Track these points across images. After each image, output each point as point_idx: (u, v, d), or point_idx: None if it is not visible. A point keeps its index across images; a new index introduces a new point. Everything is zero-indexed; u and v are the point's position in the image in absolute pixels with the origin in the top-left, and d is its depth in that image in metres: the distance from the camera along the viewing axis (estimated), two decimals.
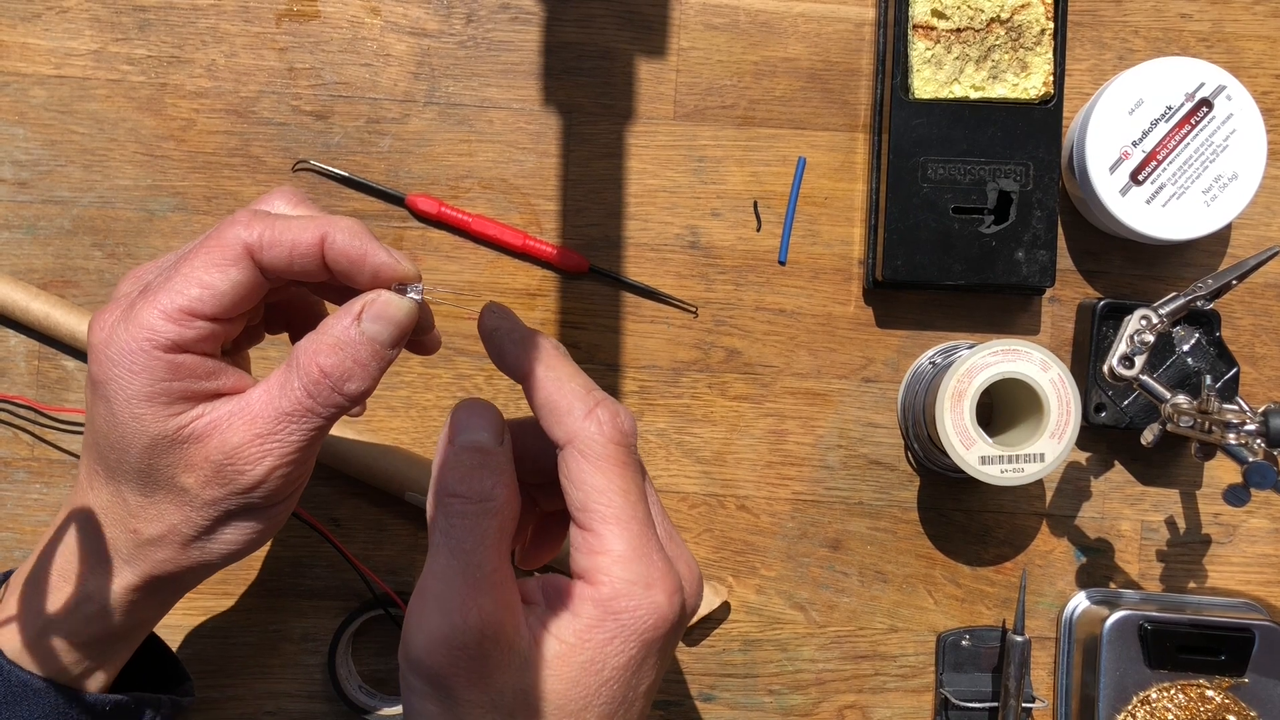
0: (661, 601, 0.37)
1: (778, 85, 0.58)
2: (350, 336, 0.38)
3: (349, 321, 0.38)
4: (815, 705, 0.58)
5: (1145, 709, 0.54)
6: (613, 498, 0.37)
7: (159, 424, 0.38)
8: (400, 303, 0.39)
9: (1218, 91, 0.54)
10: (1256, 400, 0.58)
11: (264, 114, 0.57)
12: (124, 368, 0.38)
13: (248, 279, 0.38)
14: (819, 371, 0.58)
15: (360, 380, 0.38)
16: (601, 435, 0.37)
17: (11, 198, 0.57)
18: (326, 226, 0.39)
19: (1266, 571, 0.58)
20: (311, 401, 0.38)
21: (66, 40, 0.57)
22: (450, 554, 0.37)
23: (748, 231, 0.58)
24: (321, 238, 0.38)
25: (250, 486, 0.39)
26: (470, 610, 0.36)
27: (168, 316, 0.38)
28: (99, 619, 0.42)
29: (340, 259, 0.39)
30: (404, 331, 0.39)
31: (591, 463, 0.37)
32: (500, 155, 0.58)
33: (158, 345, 0.38)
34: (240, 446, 0.38)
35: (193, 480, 0.39)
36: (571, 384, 0.38)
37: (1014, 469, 0.51)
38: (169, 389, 0.38)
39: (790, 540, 0.58)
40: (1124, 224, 0.54)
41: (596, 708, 0.37)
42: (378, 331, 0.39)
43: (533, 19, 0.58)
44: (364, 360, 0.38)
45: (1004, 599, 0.58)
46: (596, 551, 0.37)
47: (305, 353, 0.38)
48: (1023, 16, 0.55)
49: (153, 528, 0.40)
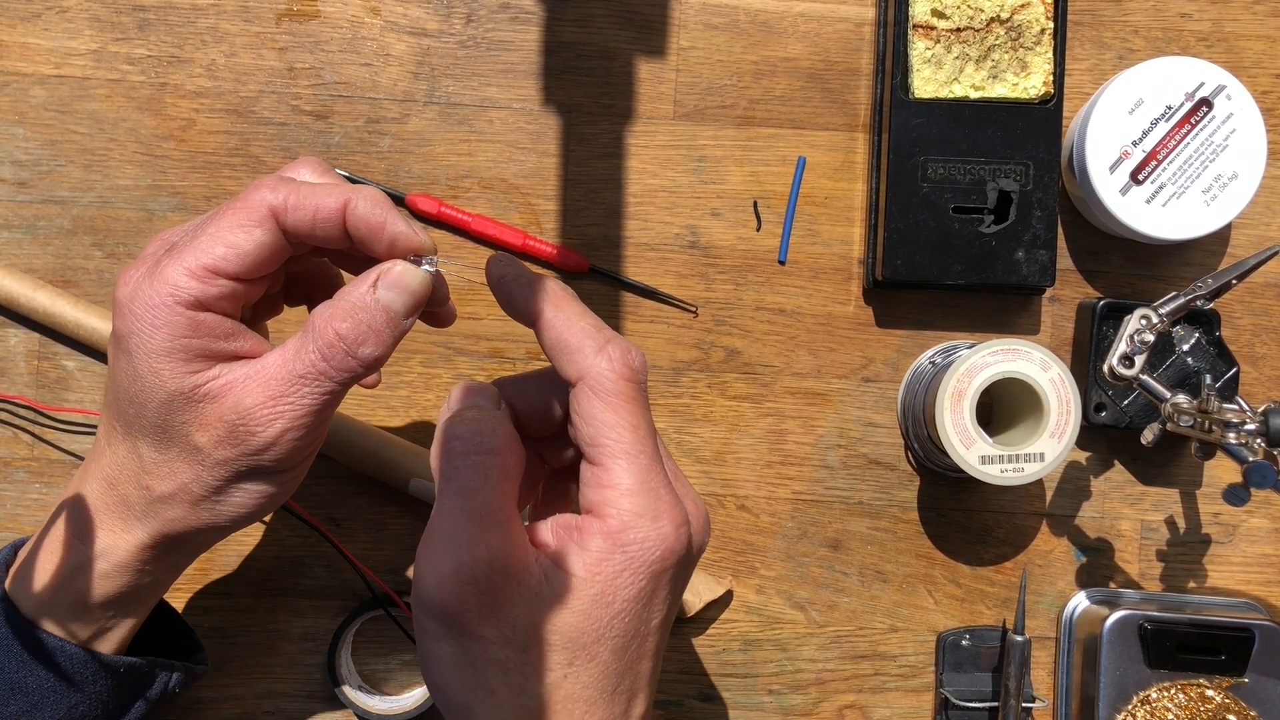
0: (669, 533, 0.37)
1: (777, 85, 0.58)
2: (366, 303, 0.39)
3: (365, 289, 0.39)
4: (815, 705, 0.58)
5: (1145, 709, 0.54)
6: (622, 433, 0.38)
7: (177, 380, 0.39)
8: (415, 272, 0.40)
9: (1218, 91, 0.54)
10: (1256, 400, 0.58)
11: (264, 114, 0.57)
12: (146, 322, 0.39)
13: (271, 240, 0.40)
14: (819, 371, 0.58)
15: (374, 345, 0.39)
16: (613, 371, 0.38)
17: (11, 197, 0.57)
18: (350, 194, 0.40)
19: (1266, 571, 0.58)
20: (325, 365, 0.39)
21: (66, 40, 0.57)
22: (455, 495, 0.37)
23: (748, 231, 0.58)
24: (344, 204, 0.40)
25: (262, 448, 0.39)
26: (479, 546, 0.36)
27: (191, 274, 0.39)
28: (111, 577, 0.42)
29: (360, 226, 0.40)
30: (418, 301, 0.40)
31: (602, 398, 0.38)
32: (500, 155, 0.58)
33: (180, 301, 0.38)
34: (253, 408, 0.39)
35: (206, 439, 0.39)
36: (581, 323, 0.39)
37: (1014, 469, 0.51)
38: (189, 345, 0.39)
39: (790, 540, 0.58)
40: (1124, 224, 0.54)
41: (609, 640, 0.37)
42: (392, 299, 0.39)
43: (533, 19, 0.58)
44: (379, 327, 0.39)
45: (1004, 599, 0.58)
46: (605, 485, 0.38)
47: (321, 317, 0.39)
48: (1023, 16, 0.55)
49: (165, 484, 0.41)
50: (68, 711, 0.43)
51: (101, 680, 0.44)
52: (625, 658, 0.38)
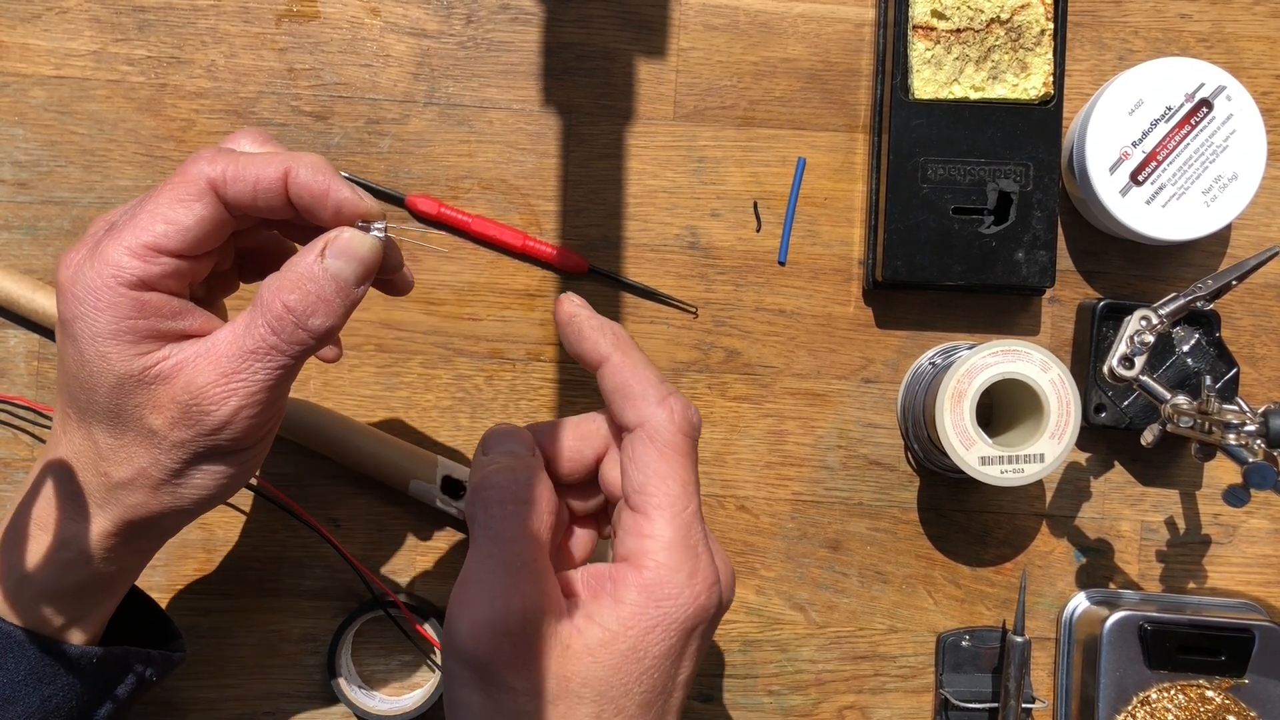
0: (702, 591, 0.38)
1: (777, 86, 0.58)
2: (314, 272, 0.38)
3: (312, 258, 0.39)
4: (815, 706, 0.58)
5: (1145, 709, 0.54)
6: (671, 485, 0.38)
7: (125, 363, 0.38)
8: (363, 239, 0.39)
9: (1217, 92, 0.54)
10: (1256, 401, 0.58)
11: (264, 114, 0.57)
12: (89, 305, 0.38)
13: (212, 214, 0.39)
14: (819, 372, 0.58)
15: (324, 316, 0.38)
16: (672, 423, 0.39)
17: (11, 198, 0.57)
18: (290, 161, 0.39)
19: (1266, 572, 0.58)
20: (276, 339, 0.38)
21: (66, 41, 0.57)
22: (490, 543, 0.37)
23: (747, 232, 0.58)
24: (285, 172, 0.39)
25: (217, 427, 0.39)
26: (513, 597, 0.36)
27: (133, 253, 0.38)
28: (77, 566, 0.41)
29: (303, 194, 0.39)
30: (368, 268, 0.39)
31: (658, 447, 0.38)
32: (500, 156, 0.58)
33: (123, 282, 0.38)
34: (205, 386, 0.38)
35: (160, 421, 0.39)
36: (646, 371, 0.39)
37: (1014, 469, 0.51)
38: (134, 327, 0.38)
39: (790, 541, 0.58)
40: (1124, 224, 0.54)
41: (637, 695, 0.37)
42: (340, 268, 0.39)
43: (532, 19, 0.58)
44: (328, 296, 0.38)
45: (1004, 599, 0.58)
46: (645, 535, 0.38)
47: (269, 290, 0.38)
48: (1022, 17, 0.55)
49: (123, 470, 0.40)
50: (40, 704, 0.43)
51: (75, 671, 0.43)
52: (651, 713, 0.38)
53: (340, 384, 0.57)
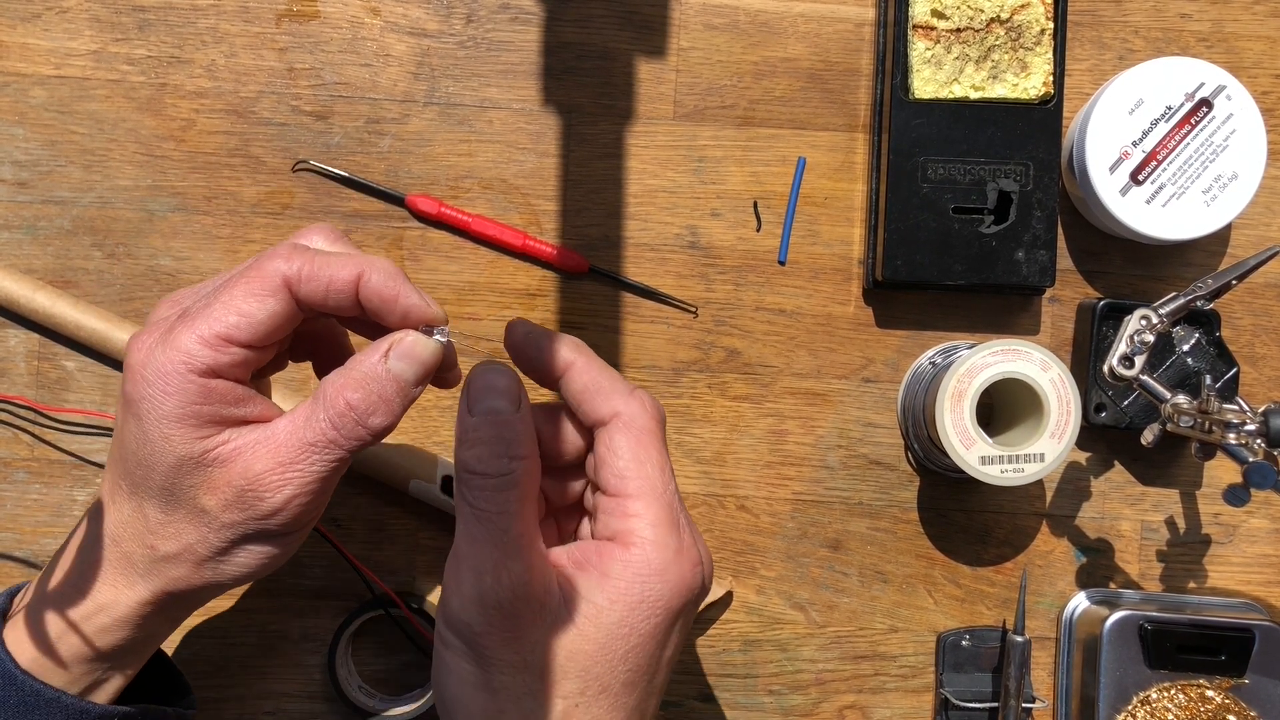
0: (687, 570, 0.39)
1: (777, 85, 0.58)
2: (378, 373, 0.40)
3: (377, 359, 0.40)
4: (815, 705, 0.58)
5: (1145, 709, 0.54)
6: (650, 469, 0.39)
7: (187, 445, 0.39)
8: (427, 343, 0.41)
9: (1217, 91, 0.54)
10: (1256, 400, 0.58)
11: (264, 114, 0.57)
12: (158, 388, 0.39)
13: (284, 310, 0.40)
14: (819, 372, 0.58)
15: (384, 415, 0.40)
16: (645, 412, 0.40)
17: (11, 198, 0.57)
18: (364, 265, 0.40)
19: (1266, 571, 0.58)
20: (335, 434, 0.39)
21: (66, 40, 0.57)
22: (478, 522, 0.38)
23: (747, 231, 0.58)
24: (358, 276, 0.40)
25: (269, 513, 0.40)
26: (501, 573, 0.37)
27: (205, 342, 0.39)
28: (111, 631, 0.42)
29: (374, 298, 0.40)
30: (428, 371, 0.41)
31: (635, 436, 0.40)
32: (500, 155, 0.58)
33: (193, 369, 0.39)
34: (263, 474, 0.39)
35: (214, 502, 0.40)
36: (610, 370, 0.41)
37: (1014, 469, 0.51)
38: (199, 412, 0.39)
39: (790, 540, 0.58)
40: (1124, 224, 0.54)
41: (623, 672, 0.38)
42: (403, 369, 0.40)
43: (532, 19, 0.58)
44: (389, 396, 0.40)
45: (1004, 599, 0.58)
46: (631, 514, 0.39)
47: (333, 386, 0.40)
48: (1022, 16, 0.55)
49: (169, 545, 0.41)
50: None
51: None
52: (635, 693, 0.39)
53: None
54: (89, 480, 0.57)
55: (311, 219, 0.57)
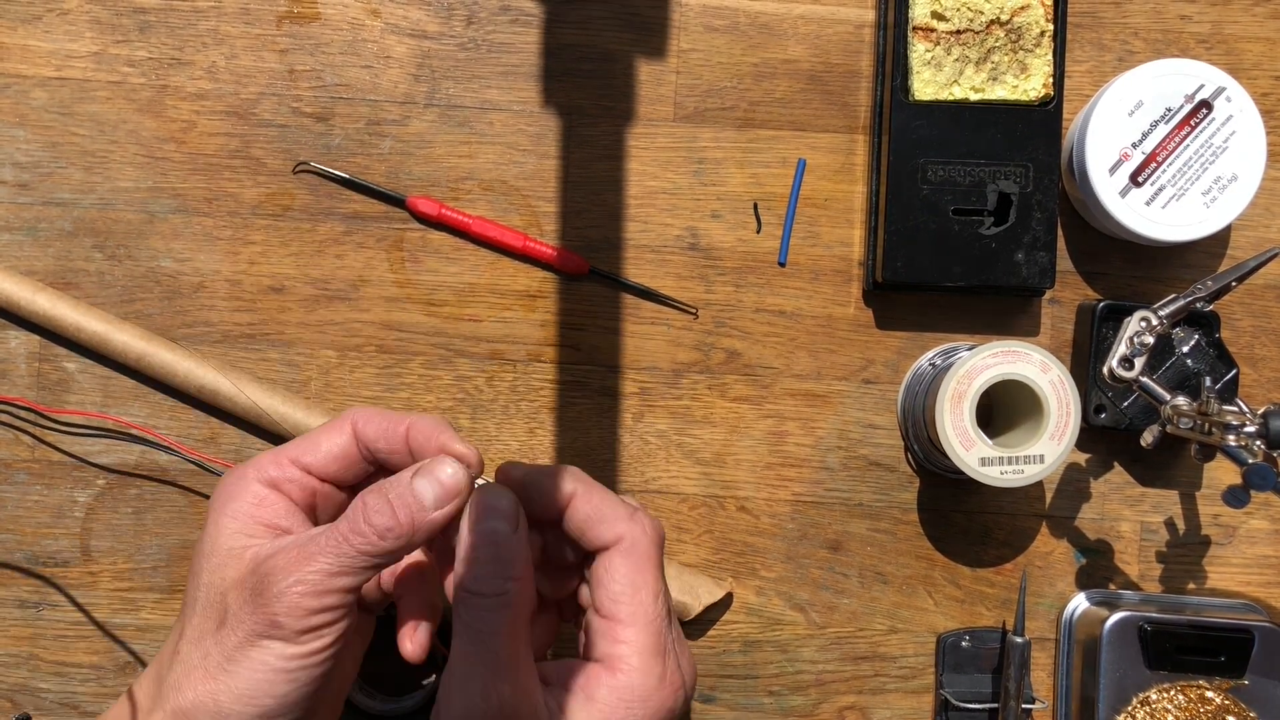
0: (669, 696, 0.41)
1: (778, 87, 0.58)
2: (399, 484, 0.42)
3: (405, 474, 0.42)
4: (815, 706, 0.58)
5: (1145, 710, 0.54)
6: (644, 595, 0.42)
7: (232, 538, 0.42)
8: (455, 469, 0.42)
9: (1217, 93, 0.54)
10: (1256, 402, 0.58)
11: (264, 116, 0.57)
12: (227, 492, 0.44)
13: (345, 442, 0.45)
14: (819, 373, 0.58)
15: (389, 518, 0.41)
16: (645, 536, 0.42)
17: (12, 199, 0.57)
18: (416, 417, 0.44)
19: (1266, 573, 0.58)
20: (348, 531, 0.41)
21: (67, 42, 0.57)
22: (470, 641, 0.40)
23: (748, 233, 0.58)
24: (409, 422, 0.44)
25: (270, 600, 0.40)
26: (491, 695, 0.40)
27: (274, 461, 0.44)
28: None
29: (419, 436, 0.44)
30: (448, 495, 0.42)
31: (633, 561, 0.42)
32: (500, 157, 0.58)
33: (259, 479, 0.44)
34: (276, 567, 0.41)
35: (236, 598, 0.41)
36: (609, 495, 0.43)
37: (1014, 470, 0.51)
38: (252, 513, 0.43)
39: (790, 541, 0.58)
40: (1124, 225, 0.54)
41: None
42: (423, 487, 0.42)
43: (533, 21, 0.58)
44: (402, 505, 0.41)
45: (1004, 600, 0.58)
46: (619, 640, 0.41)
47: (359, 495, 0.42)
48: (1022, 18, 0.55)
49: (191, 649, 0.42)
50: None
51: None
52: None
53: (341, 385, 0.57)
54: (89, 481, 0.57)
55: (312, 220, 0.57)
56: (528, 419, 0.57)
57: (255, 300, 0.57)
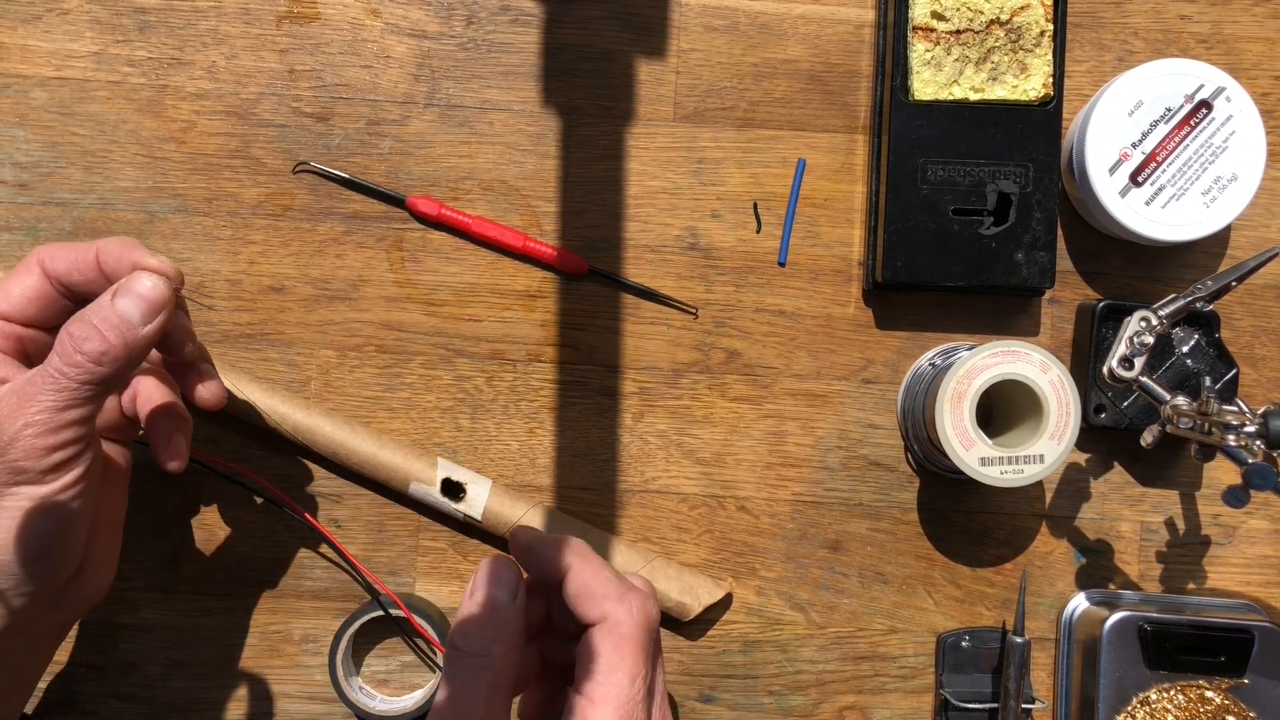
0: None
1: (777, 87, 0.58)
2: (101, 307, 0.43)
3: (104, 298, 0.43)
4: (815, 706, 0.58)
5: (1145, 710, 0.54)
6: (619, 678, 0.41)
7: None
8: (150, 280, 0.43)
9: (1217, 93, 0.54)
10: (1256, 401, 0.58)
11: (264, 116, 0.57)
12: None
13: (36, 283, 0.45)
14: (819, 373, 0.58)
15: (99, 342, 0.42)
16: (631, 618, 0.42)
17: (12, 199, 0.57)
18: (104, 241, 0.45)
19: (1266, 573, 0.58)
20: (60, 364, 0.42)
21: (67, 42, 0.57)
22: (448, 697, 0.41)
23: (748, 233, 0.58)
24: (97, 247, 0.45)
25: (5, 446, 0.41)
26: None
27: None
28: None
29: (109, 259, 0.45)
30: (151, 308, 0.43)
31: (615, 640, 0.42)
32: (500, 157, 0.58)
33: None
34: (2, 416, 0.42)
35: None
36: (605, 573, 0.43)
37: (1014, 470, 0.51)
38: None
39: (790, 541, 0.58)
40: (1123, 225, 0.54)
41: None
42: (126, 304, 0.43)
43: (533, 21, 0.58)
44: (108, 326, 0.42)
45: (1004, 600, 0.58)
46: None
47: (63, 329, 0.43)
48: (1022, 18, 0.55)
49: None
50: None
51: None
52: None
53: (341, 385, 0.57)
54: None
55: (312, 220, 0.57)
56: (527, 419, 0.57)
57: (255, 300, 0.57)
